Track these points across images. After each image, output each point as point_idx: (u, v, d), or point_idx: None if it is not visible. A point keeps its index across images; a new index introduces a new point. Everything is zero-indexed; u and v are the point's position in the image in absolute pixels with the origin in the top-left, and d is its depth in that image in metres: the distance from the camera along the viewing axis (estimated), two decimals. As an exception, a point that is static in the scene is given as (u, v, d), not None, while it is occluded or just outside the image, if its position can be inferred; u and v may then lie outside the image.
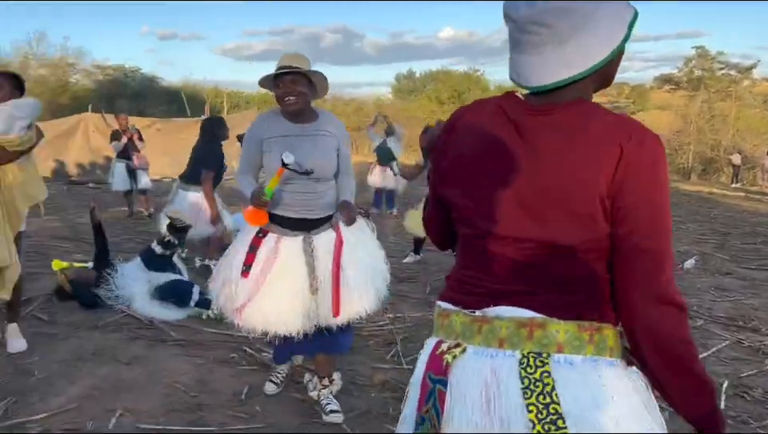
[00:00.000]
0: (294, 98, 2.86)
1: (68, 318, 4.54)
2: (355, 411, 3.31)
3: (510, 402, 1.23)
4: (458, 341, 1.35)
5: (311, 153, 2.91)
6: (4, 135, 3.55)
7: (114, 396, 3.33)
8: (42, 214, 4.58)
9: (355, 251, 3.07)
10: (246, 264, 2.93)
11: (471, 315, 1.34)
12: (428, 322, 4.87)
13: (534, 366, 1.24)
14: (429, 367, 1.40)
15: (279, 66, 2.86)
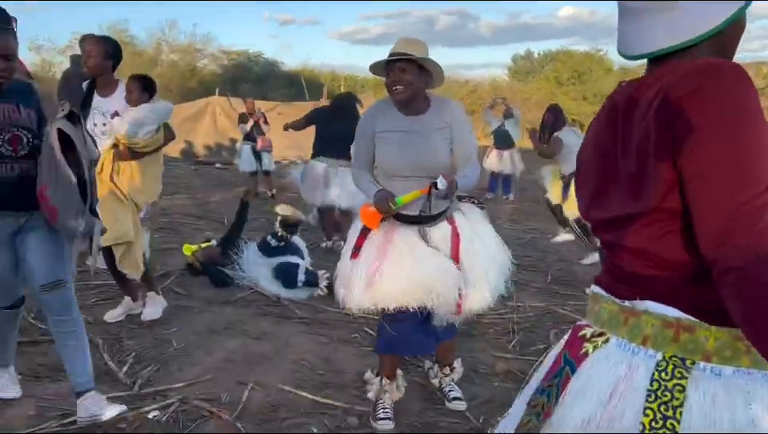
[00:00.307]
0: (402, 88, 2.72)
1: (202, 292, 4.79)
2: (478, 400, 3.28)
3: (631, 400, 1.19)
4: (603, 330, 1.31)
5: (426, 151, 2.81)
6: (130, 138, 3.80)
7: (245, 369, 3.48)
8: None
9: (472, 245, 2.95)
10: (356, 246, 2.88)
11: (620, 305, 1.29)
12: (550, 312, 4.75)
13: (671, 374, 1.17)
14: (567, 346, 1.39)
15: (391, 53, 2.75)
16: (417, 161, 2.81)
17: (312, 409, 3.09)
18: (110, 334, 3.89)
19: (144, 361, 3.54)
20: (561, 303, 5.01)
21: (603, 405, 1.22)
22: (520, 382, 3.49)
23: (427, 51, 2.80)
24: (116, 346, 3.71)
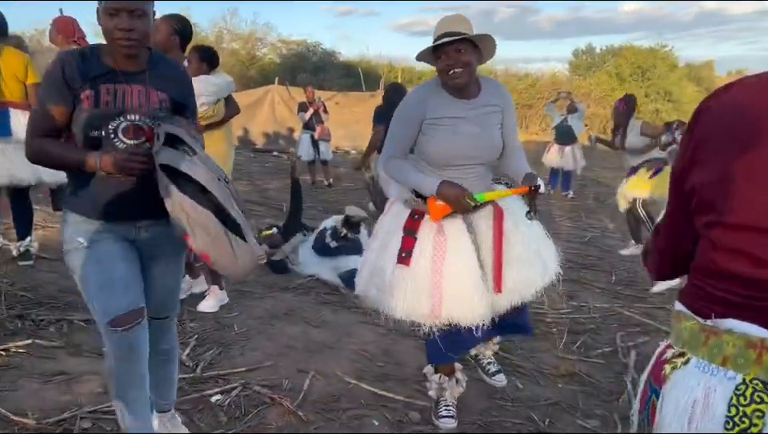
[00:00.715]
0: (461, 70, 2.49)
1: (262, 278, 4.80)
2: (543, 401, 3.17)
3: (709, 427, 1.13)
4: (683, 350, 1.24)
5: (481, 136, 2.63)
6: None
7: (305, 357, 3.45)
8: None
9: (518, 222, 2.72)
10: (405, 250, 2.63)
11: (701, 324, 1.21)
12: (616, 314, 4.59)
13: (750, 399, 1.10)
14: (651, 373, 1.33)
15: (439, 34, 2.50)
16: (473, 148, 2.63)
17: (372, 401, 3.04)
18: (173, 315, 3.92)
19: (206, 344, 3.55)
20: (626, 304, 4.84)
21: (684, 430, 1.18)
22: (585, 385, 3.40)
23: (473, 29, 2.55)
24: (178, 328, 3.72)
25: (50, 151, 2.09)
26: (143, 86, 2.09)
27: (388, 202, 2.92)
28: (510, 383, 3.33)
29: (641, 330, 4.28)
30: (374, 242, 2.82)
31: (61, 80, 2.01)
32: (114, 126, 2.04)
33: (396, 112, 2.67)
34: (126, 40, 1.98)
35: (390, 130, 2.71)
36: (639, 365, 3.62)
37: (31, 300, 3.86)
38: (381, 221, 2.85)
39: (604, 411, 3.10)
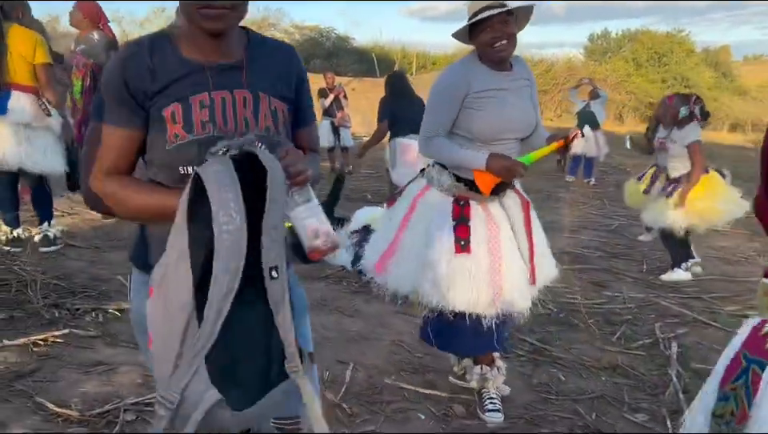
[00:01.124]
0: (506, 42, 2.43)
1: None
2: (587, 395, 3.10)
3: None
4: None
5: (523, 109, 2.59)
6: None
7: (342, 348, 3.40)
8: None
9: (534, 216, 2.80)
10: (462, 238, 2.56)
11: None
12: (652, 304, 4.51)
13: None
14: (745, 346, 1.36)
15: (480, 8, 2.44)
16: (518, 121, 2.59)
17: (415, 394, 2.99)
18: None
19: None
20: (661, 294, 4.75)
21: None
22: (630, 378, 3.33)
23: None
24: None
25: (125, 198, 1.42)
26: (246, 90, 1.42)
27: (411, 190, 2.76)
28: (552, 376, 3.28)
29: (679, 321, 4.20)
30: (410, 235, 2.65)
31: (123, 90, 1.37)
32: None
33: (435, 91, 2.58)
34: (209, 9, 1.31)
35: (430, 110, 2.60)
36: (681, 358, 3.56)
37: (65, 289, 3.83)
38: (418, 212, 2.67)
39: (651, 405, 3.03)
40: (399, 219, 2.69)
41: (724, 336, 3.95)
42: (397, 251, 2.64)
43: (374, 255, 2.74)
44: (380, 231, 2.85)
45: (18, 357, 2.98)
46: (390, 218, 2.79)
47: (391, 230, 2.70)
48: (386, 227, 2.77)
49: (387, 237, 2.70)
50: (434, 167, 2.69)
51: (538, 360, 3.44)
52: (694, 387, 3.20)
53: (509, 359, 3.43)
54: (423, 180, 2.73)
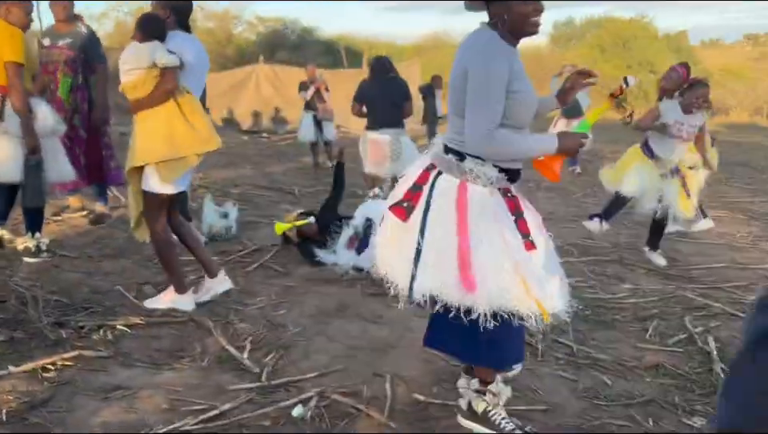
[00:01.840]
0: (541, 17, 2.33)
1: (300, 270, 4.51)
2: (637, 399, 2.95)
3: None
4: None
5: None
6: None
7: (375, 358, 3.19)
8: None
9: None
10: (526, 233, 2.35)
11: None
12: (674, 296, 4.39)
13: None
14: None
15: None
16: (537, 98, 2.45)
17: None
18: (218, 315, 3.63)
19: (264, 347, 3.27)
20: (680, 285, 4.64)
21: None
22: (675, 378, 3.18)
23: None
24: (230, 329, 3.45)
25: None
26: None
27: (445, 190, 2.38)
28: (597, 380, 3.13)
29: (707, 313, 4.09)
30: (476, 240, 2.29)
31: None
32: None
33: (480, 80, 2.24)
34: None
35: (482, 101, 2.26)
36: (721, 353, 3.43)
37: (67, 305, 3.53)
38: (473, 213, 2.32)
39: (705, 407, 2.89)
40: (451, 226, 2.32)
41: (757, 328, 3.85)
42: (473, 262, 2.28)
43: (443, 273, 2.29)
44: (431, 243, 2.35)
45: (27, 385, 2.70)
46: (435, 226, 2.35)
47: (446, 239, 2.32)
48: (437, 236, 2.33)
49: (443, 248, 2.31)
50: (471, 160, 2.37)
51: (579, 363, 3.28)
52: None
53: (547, 363, 3.28)
54: (451, 177, 2.38)
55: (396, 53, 30.78)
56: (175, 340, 3.28)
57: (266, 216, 6.04)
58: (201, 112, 3.43)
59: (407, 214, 2.38)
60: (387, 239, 2.48)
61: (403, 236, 2.39)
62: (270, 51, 25.72)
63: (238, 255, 4.70)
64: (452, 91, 2.38)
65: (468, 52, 2.31)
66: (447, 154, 2.42)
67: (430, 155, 2.49)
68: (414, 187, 2.42)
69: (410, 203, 2.39)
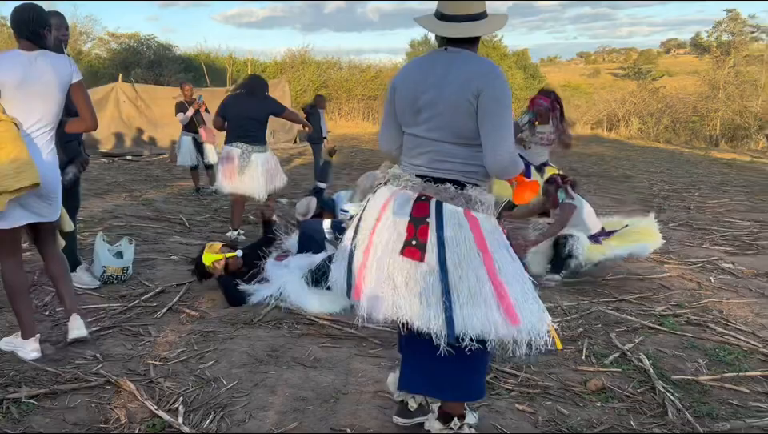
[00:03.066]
0: None
1: (215, 312, 4.13)
2: (597, 428, 2.92)
3: None
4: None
5: None
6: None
7: (327, 411, 2.93)
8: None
9: None
10: (520, 258, 2.44)
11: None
12: (591, 313, 4.49)
13: None
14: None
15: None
16: None
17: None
18: (137, 373, 3.22)
19: (199, 408, 2.91)
20: (593, 301, 4.77)
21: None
22: (624, 400, 3.20)
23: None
24: (155, 389, 3.05)
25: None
26: None
27: (460, 221, 2.28)
28: (551, 410, 3.08)
29: (627, 327, 4.21)
30: (498, 272, 2.24)
31: None
32: None
33: (506, 103, 2.24)
34: None
35: (507, 120, 2.24)
36: (657, 370, 3.52)
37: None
38: (490, 243, 2.27)
39: (663, 430, 2.92)
40: (475, 259, 2.23)
41: (677, 340, 4.02)
42: (510, 295, 2.22)
43: (485, 310, 2.21)
44: (459, 280, 2.23)
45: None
46: (458, 262, 2.23)
47: (474, 273, 2.23)
48: (464, 272, 2.23)
49: (474, 283, 2.21)
50: (472, 188, 2.32)
51: (530, 393, 3.22)
52: (689, 403, 3.17)
53: (501, 395, 3.19)
54: (455, 207, 2.29)
55: (259, 70, 30.28)
56: (94, 410, 2.84)
57: (161, 251, 5.56)
58: (11, 141, 2.98)
59: (422, 254, 2.24)
60: (393, 283, 2.29)
61: (421, 276, 2.24)
62: (125, 68, 24.32)
63: (141, 300, 4.24)
64: (445, 117, 2.26)
65: (481, 80, 2.21)
66: (440, 183, 2.31)
67: (411, 187, 2.35)
68: (416, 221, 2.27)
69: (419, 241, 2.24)
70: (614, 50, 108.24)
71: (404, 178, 2.39)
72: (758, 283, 5.45)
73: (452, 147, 2.29)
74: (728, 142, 27.01)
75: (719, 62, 29.34)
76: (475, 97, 2.19)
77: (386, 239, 2.31)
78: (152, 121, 15.99)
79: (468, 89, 2.20)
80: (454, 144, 2.29)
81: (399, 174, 2.43)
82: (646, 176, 13.81)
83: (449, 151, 2.30)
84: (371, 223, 2.38)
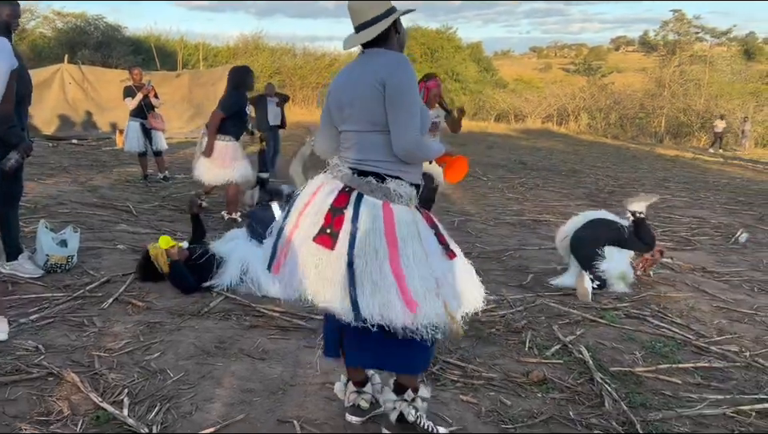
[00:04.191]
0: None
1: (162, 303, 4.09)
2: (538, 418, 3.02)
3: None
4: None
5: None
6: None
7: (275, 402, 2.95)
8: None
9: None
10: (446, 245, 2.49)
11: None
12: (536, 305, 4.61)
13: None
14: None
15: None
16: None
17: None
18: (80, 365, 3.17)
19: (144, 400, 2.89)
20: (536, 294, 4.90)
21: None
22: (564, 391, 3.32)
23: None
24: (99, 381, 3.02)
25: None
26: None
27: (376, 214, 2.39)
28: (494, 400, 3.17)
29: (569, 320, 4.34)
30: (410, 262, 2.34)
31: None
32: None
33: (411, 91, 2.37)
34: None
35: (411, 108, 2.36)
36: (596, 362, 3.65)
37: None
38: (402, 235, 2.37)
39: (600, 420, 3.04)
40: (382, 251, 2.33)
41: (617, 333, 4.17)
42: (409, 287, 2.32)
43: (386, 297, 2.31)
44: (364, 269, 2.33)
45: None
46: (365, 253, 2.33)
47: (379, 264, 2.32)
48: (369, 263, 2.32)
49: (378, 274, 2.31)
50: (391, 180, 2.43)
51: (474, 385, 3.31)
52: (624, 393, 3.30)
53: (446, 387, 3.26)
54: (374, 199, 2.40)
55: (211, 55, 29.77)
56: (35, 401, 2.80)
57: (106, 240, 5.45)
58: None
59: (333, 242, 2.35)
60: (305, 265, 2.40)
61: (330, 263, 2.36)
62: (72, 49, 23.61)
63: (86, 290, 4.17)
64: (360, 109, 2.42)
65: (384, 69, 2.37)
66: (363, 177, 2.44)
67: (341, 178, 2.47)
68: (334, 211, 2.39)
69: (333, 229, 2.36)
70: (566, 45, 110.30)
71: (337, 168, 2.52)
72: (694, 278, 5.68)
73: (371, 135, 2.43)
74: (672, 139, 27.89)
75: (665, 60, 30.22)
76: (381, 85, 2.34)
77: (308, 223, 2.42)
78: (99, 104, 15.57)
79: (376, 79, 2.36)
80: (371, 132, 2.43)
81: (336, 165, 2.56)
82: (593, 171, 14.17)
83: (369, 140, 2.44)
84: (301, 206, 2.49)
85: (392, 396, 2.71)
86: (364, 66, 2.45)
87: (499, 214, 8.38)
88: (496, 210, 8.75)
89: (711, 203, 10.33)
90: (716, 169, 17.07)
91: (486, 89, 36.87)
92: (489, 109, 34.35)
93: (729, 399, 3.31)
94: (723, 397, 3.33)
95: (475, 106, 34.68)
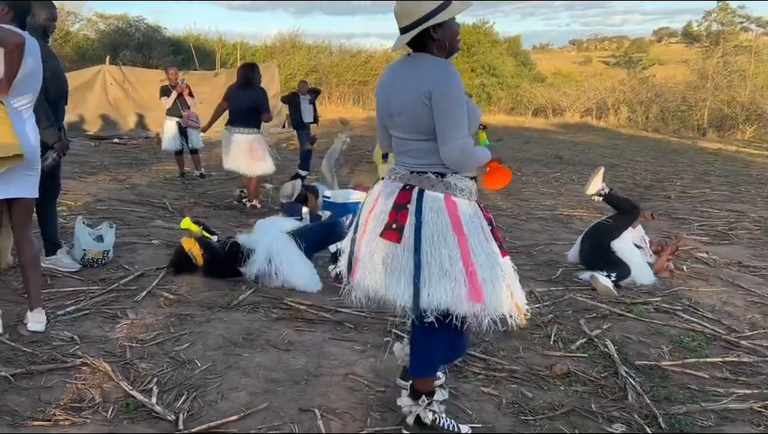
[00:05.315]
0: None
1: (194, 296, 4.20)
2: (559, 410, 3.03)
3: None
4: None
5: None
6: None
7: (298, 392, 3.02)
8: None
9: None
10: (500, 242, 2.54)
11: None
12: (564, 299, 4.60)
13: None
14: None
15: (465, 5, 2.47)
16: None
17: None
18: (113, 355, 3.29)
19: (173, 388, 2.99)
20: (568, 287, 4.88)
21: None
22: (587, 385, 3.31)
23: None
24: (130, 371, 3.13)
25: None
26: None
27: (440, 207, 2.42)
28: (516, 393, 3.18)
29: (596, 314, 4.32)
30: (479, 256, 2.39)
31: None
32: None
33: (455, 97, 2.33)
34: None
35: (457, 115, 2.33)
36: (621, 356, 3.63)
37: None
38: (467, 227, 2.41)
39: (622, 413, 3.03)
40: (450, 239, 2.37)
41: (644, 327, 4.13)
42: (478, 274, 2.37)
43: (453, 287, 2.34)
44: (431, 259, 2.37)
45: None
46: (432, 242, 2.38)
47: (447, 253, 2.36)
48: (437, 252, 2.37)
49: (446, 262, 2.36)
50: (451, 175, 2.46)
51: (497, 377, 3.33)
52: (649, 387, 3.28)
53: (468, 379, 3.29)
54: (436, 193, 2.43)
55: (249, 53, 30.14)
56: (69, 389, 2.92)
57: (142, 235, 5.61)
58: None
59: (399, 236, 2.41)
60: (373, 263, 2.47)
61: (397, 255, 2.41)
62: (114, 50, 24.16)
63: (121, 283, 4.30)
64: (409, 119, 2.42)
65: (430, 81, 2.34)
66: (423, 174, 2.47)
67: (399, 178, 2.52)
68: (398, 207, 2.44)
69: (399, 224, 2.41)
70: (606, 38, 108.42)
71: (395, 171, 2.57)
72: (729, 272, 5.58)
73: (425, 144, 2.43)
74: (715, 132, 27.20)
75: (708, 51, 29.49)
76: (428, 98, 2.33)
77: (373, 226, 2.49)
78: (140, 104, 15.94)
79: (421, 91, 2.34)
80: (425, 141, 2.43)
81: (393, 169, 2.61)
82: (632, 165, 13.96)
83: (423, 148, 2.44)
84: (366, 213, 2.57)
85: (407, 401, 2.73)
86: (409, 74, 2.42)
87: (532, 209, 8.34)
88: (529, 204, 8.71)
89: (752, 197, 10.08)
90: (760, 162, 16.62)
91: (524, 83, 36.49)
92: (526, 103, 34.01)
93: (757, 393, 3.26)
94: (751, 391, 3.28)
95: (512, 100, 34.39)
